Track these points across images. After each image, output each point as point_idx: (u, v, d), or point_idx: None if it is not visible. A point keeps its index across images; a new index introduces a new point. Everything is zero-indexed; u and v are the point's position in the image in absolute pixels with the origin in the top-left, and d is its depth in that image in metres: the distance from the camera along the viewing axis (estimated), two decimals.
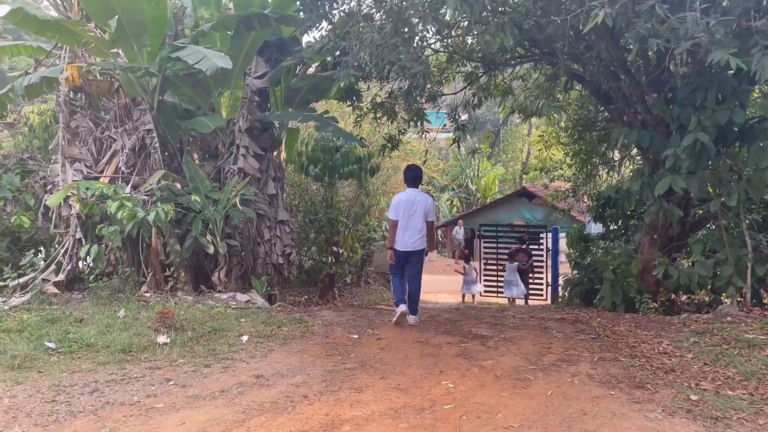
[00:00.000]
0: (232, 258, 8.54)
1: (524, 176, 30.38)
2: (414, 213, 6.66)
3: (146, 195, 7.18)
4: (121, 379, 4.38)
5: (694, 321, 6.29)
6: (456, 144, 10.89)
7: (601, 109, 9.42)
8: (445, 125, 10.65)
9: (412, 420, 3.78)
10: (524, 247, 14.67)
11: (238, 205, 7.31)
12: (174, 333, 5.48)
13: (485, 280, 16.16)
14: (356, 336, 5.86)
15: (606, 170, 12.33)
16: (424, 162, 11.93)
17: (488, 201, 31.75)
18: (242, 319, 6.15)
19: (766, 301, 9.12)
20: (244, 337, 5.53)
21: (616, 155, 11.59)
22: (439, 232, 32.60)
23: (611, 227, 11.60)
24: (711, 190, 7.05)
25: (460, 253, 27.30)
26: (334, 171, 10.69)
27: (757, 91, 8.03)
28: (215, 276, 7.52)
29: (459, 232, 26.92)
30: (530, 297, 14.59)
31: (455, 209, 34.61)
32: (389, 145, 10.91)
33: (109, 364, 4.70)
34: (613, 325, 6.41)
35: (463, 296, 14.73)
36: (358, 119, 10.07)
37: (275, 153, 9.22)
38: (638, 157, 11.95)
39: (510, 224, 28.30)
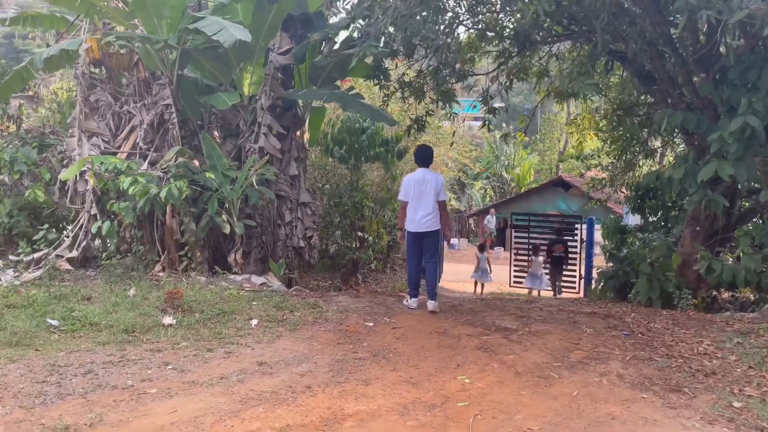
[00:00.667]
0: (252, 239, 8.33)
1: (560, 165, 29.59)
2: (424, 192, 6.41)
3: (162, 171, 6.99)
4: (119, 361, 4.18)
5: (738, 320, 5.80)
6: (486, 128, 10.45)
7: (643, 92, 8.84)
8: (475, 106, 10.20)
9: (422, 417, 3.46)
10: (561, 237, 14.27)
11: (255, 184, 7.05)
12: (181, 314, 5.26)
13: (515, 270, 15.74)
14: (371, 324, 5.55)
15: (646, 159, 11.69)
16: (451, 145, 11.51)
17: (523, 190, 31.05)
18: (254, 303, 5.91)
19: None
20: (254, 321, 5.28)
21: (658, 144, 10.95)
22: (471, 220, 32.06)
23: (650, 219, 11.03)
24: (761, 180, 6.48)
25: (491, 242, 26.78)
26: (360, 153, 10.37)
27: None
28: (231, 257, 7.31)
29: (491, 221, 26.37)
30: (564, 289, 14.21)
31: (489, 198, 33.98)
32: (416, 126, 10.54)
33: (109, 345, 4.51)
34: (649, 321, 5.96)
35: (476, 284, 14.56)
36: (385, 99, 9.71)
37: (298, 133, 8.95)
38: (681, 146, 11.30)
39: (544, 214, 27.69)
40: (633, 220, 12.89)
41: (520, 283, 15.23)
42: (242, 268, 7.45)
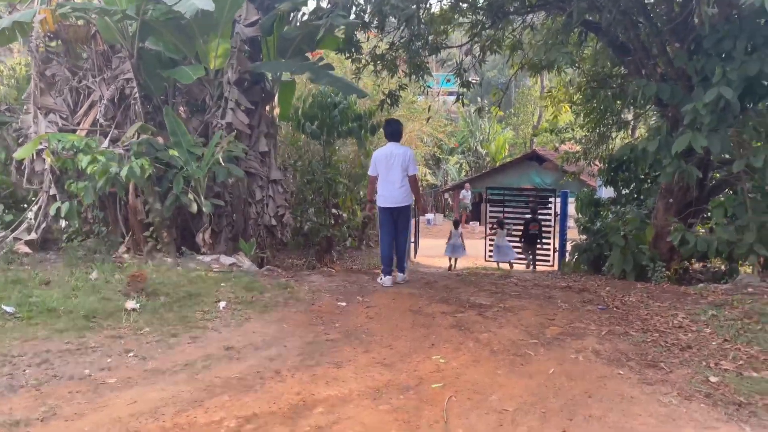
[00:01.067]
0: (222, 218, 8.11)
1: (534, 139, 29.65)
2: (392, 166, 6.40)
3: (123, 149, 6.69)
4: (77, 350, 3.97)
5: (712, 292, 5.80)
6: (461, 102, 10.29)
7: (617, 63, 8.75)
8: (449, 80, 10.01)
9: (395, 401, 3.35)
10: (536, 216, 14.52)
11: (221, 160, 6.80)
12: (145, 298, 5.06)
13: (490, 245, 15.81)
14: (344, 303, 5.42)
15: (619, 131, 11.66)
16: (428, 120, 11.32)
17: (497, 165, 31.09)
18: (222, 284, 5.72)
19: None
20: (221, 304, 5.10)
21: (631, 116, 10.92)
22: (447, 195, 32.05)
23: (623, 191, 11.06)
24: (734, 151, 6.45)
25: (467, 217, 26.83)
26: (332, 129, 10.13)
27: None
28: (199, 237, 7.08)
29: (466, 195, 26.40)
30: (537, 263, 14.40)
31: (464, 173, 33.97)
32: (388, 100, 10.33)
33: (67, 332, 4.29)
34: (623, 295, 5.94)
35: (449, 259, 14.72)
36: (357, 72, 9.47)
37: (267, 108, 8.67)
38: (654, 118, 11.29)
39: (518, 188, 27.79)
40: (606, 193, 12.93)
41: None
42: (211, 248, 7.23)
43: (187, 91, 8.06)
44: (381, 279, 6.55)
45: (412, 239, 15.57)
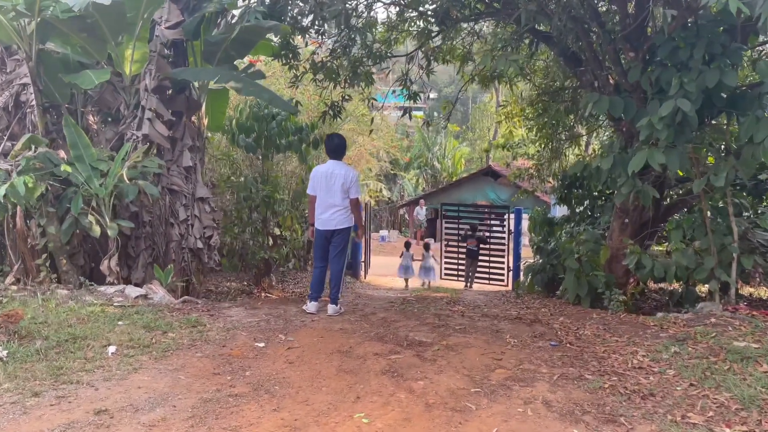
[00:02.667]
0: (139, 242, 7.26)
1: (488, 154, 29.48)
2: (332, 187, 5.76)
3: (11, 165, 5.80)
4: None
5: (673, 323, 5.29)
6: (408, 116, 9.72)
7: (569, 75, 8.32)
8: (397, 93, 9.44)
9: None
10: (474, 233, 14.58)
11: (126, 177, 5.97)
12: (17, 343, 4.20)
13: (445, 262, 15.35)
14: (262, 344, 4.67)
15: (572, 147, 11.29)
16: (370, 133, 10.69)
17: (454, 180, 30.81)
18: (120, 322, 4.88)
19: (744, 293, 8.26)
20: (111, 348, 4.28)
21: (585, 130, 10.55)
22: (401, 211, 31.52)
23: (577, 209, 10.67)
24: (692, 169, 6.02)
25: (422, 234, 26.31)
26: (270, 142, 9.39)
27: (748, 53, 7.01)
28: (104, 264, 6.21)
29: (420, 212, 25.89)
30: (492, 281, 14.26)
31: (421, 188, 33.58)
32: (331, 112, 9.69)
33: None
34: (578, 327, 5.37)
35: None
36: (294, 81, 8.79)
37: (194, 118, 7.88)
38: (607, 134, 10.95)
39: (473, 204, 27.49)
40: (561, 210, 12.55)
41: (451, 276, 15.20)
42: (123, 277, 6.38)
43: (99, 99, 7.21)
44: (306, 305, 5.91)
45: (362, 258, 14.91)
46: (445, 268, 15.25)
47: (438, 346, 4.75)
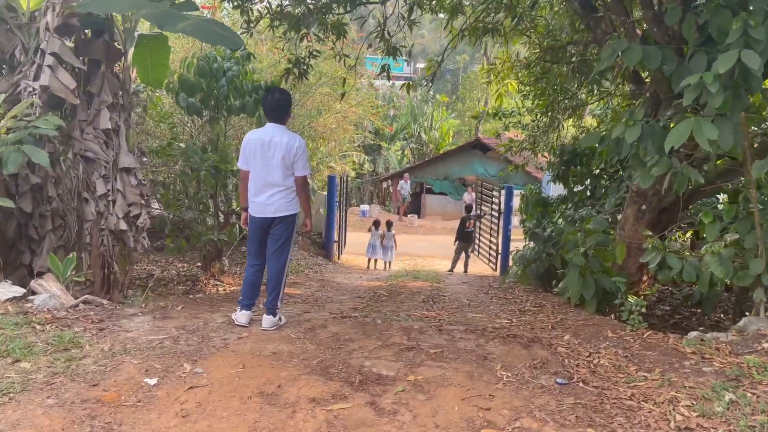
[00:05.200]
0: (44, 221, 5.84)
1: (474, 121, 28.00)
2: (270, 161, 4.39)
3: None
4: None
5: (715, 349, 4.01)
6: (387, 77, 8.25)
7: (580, 28, 6.88)
8: (370, 46, 7.97)
9: None
10: (470, 214, 13.88)
11: (5, 140, 4.52)
12: None
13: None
14: (154, 381, 3.29)
15: (572, 117, 9.91)
16: (343, 96, 9.20)
17: (441, 152, 29.42)
18: None
19: None
20: None
21: (592, 98, 9.12)
22: (384, 185, 30.11)
23: (575, 189, 9.38)
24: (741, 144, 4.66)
25: (405, 209, 25.01)
26: (221, 103, 7.89)
27: None
28: None
29: (404, 187, 24.55)
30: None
31: (406, 160, 32.12)
32: (295, 71, 8.22)
33: None
34: (590, 352, 4.06)
35: (368, 260, 13.95)
36: (247, 27, 7.30)
37: (118, 69, 6.37)
38: (617, 101, 9.57)
39: (461, 179, 26.15)
40: (556, 189, 11.25)
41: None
42: (3, 271, 4.96)
43: None
44: (235, 315, 4.54)
45: (335, 238, 13.55)
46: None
47: (403, 384, 3.42)
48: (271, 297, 4.42)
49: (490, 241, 14.02)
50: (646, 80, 5.41)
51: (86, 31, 6.18)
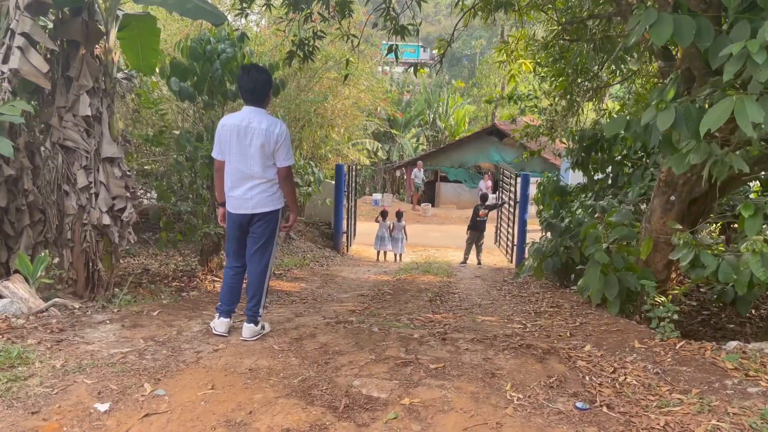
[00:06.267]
0: (21, 216, 5.45)
1: (493, 107, 27.23)
2: (248, 149, 3.88)
3: None
4: None
5: (760, 365, 3.46)
6: (395, 57, 7.72)
7: (602, 2, 6.26)
8: (376, 25, 7.43)
9: None
10: (484, 203, 13.23)
11: None
12: None
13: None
14: (105, 407, 2.84)
15: (593, 99, 9.26)
16: (346, 77, 8.66)
17: (455, 140, 28.73)
18: None
19: None
20: None
21: (614, 78, 8.47)
22: (398, 173, 29.55)
23: (595, 177, 8.77)
24: None
25: (418, 197, 24.49)
26: (216, 88, 7.42)
27: None
28: None
29: (418, 175, 23.96)
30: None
31: (422, 148, 31.50)
32: (300, 53, 7.73)
33: None
34: (615, 368, 3.53)
35: (377, 253, 13.54)
36: (242, 7, 6.81)
37: (99, 51, 5.91)
38: (640, 81, 8.92)
39: (476, 166, 25.51)
40: (575, 177, 10.65)
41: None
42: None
43: None
44: (213, 322, 4.09)
45: (344, 229, 13.08)
46: None
47: (395, 409, 2.93)
48: (252, 303, 3.96)
49: (508, 232, 13.48)
50: (677, 56, 4.82)
51: (64, 10, 5.73)
